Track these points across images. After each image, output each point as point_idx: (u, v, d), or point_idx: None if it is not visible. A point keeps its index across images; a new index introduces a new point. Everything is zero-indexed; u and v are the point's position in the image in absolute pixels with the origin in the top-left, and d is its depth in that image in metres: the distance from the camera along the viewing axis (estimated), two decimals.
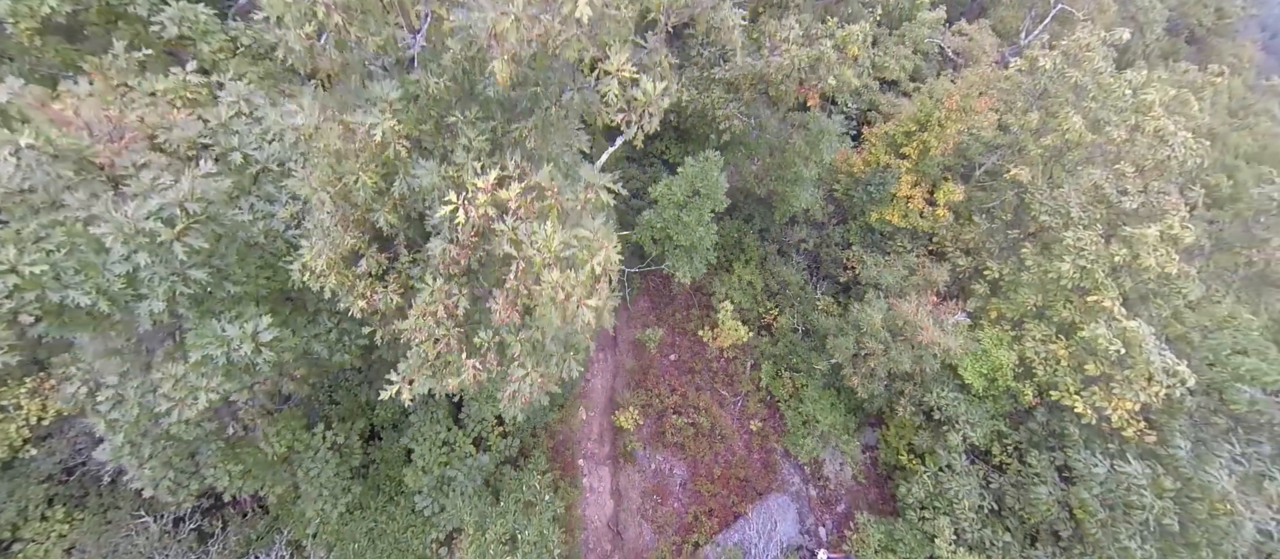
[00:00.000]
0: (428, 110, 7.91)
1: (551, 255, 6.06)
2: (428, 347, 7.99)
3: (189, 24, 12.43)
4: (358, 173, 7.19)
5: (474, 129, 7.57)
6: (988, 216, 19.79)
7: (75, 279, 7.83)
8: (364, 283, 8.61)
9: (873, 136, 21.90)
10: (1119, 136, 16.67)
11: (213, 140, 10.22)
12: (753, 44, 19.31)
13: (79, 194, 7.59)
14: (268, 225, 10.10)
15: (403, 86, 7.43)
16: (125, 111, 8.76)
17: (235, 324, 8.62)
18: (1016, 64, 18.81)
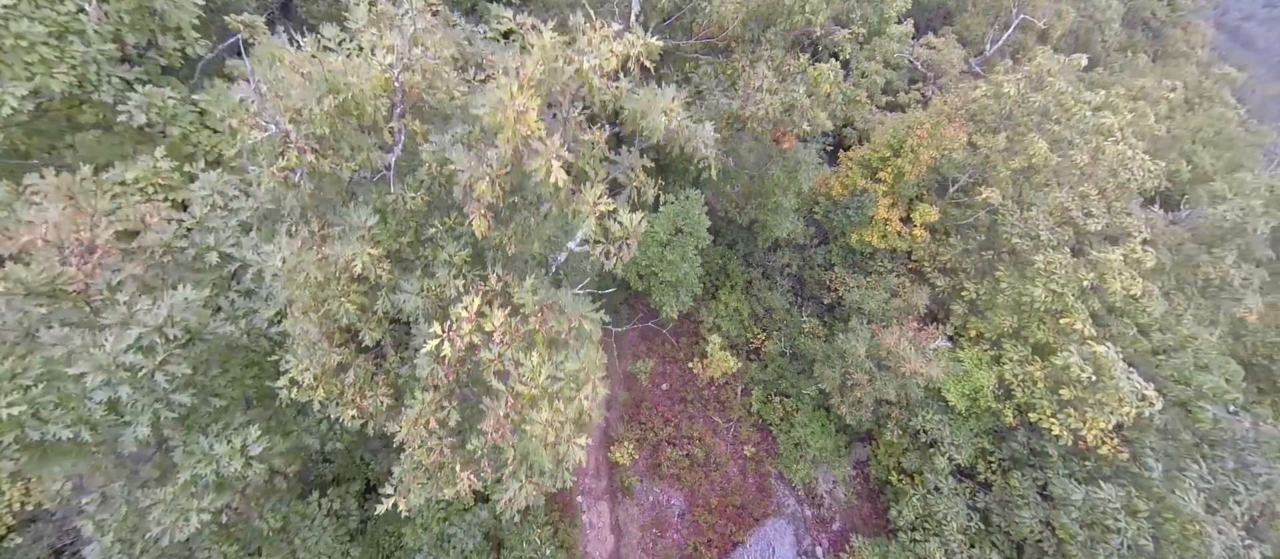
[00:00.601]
0: (406, 222, 7.96)
1: (538, 388, 6.18)
2: (421, 454, 8.06)
3: (157, 110, 12.23)
4: (340, 300, 7.22)
5: (454, 243, 7.64)
6: (962, 237, 20.35)
7: (55, 413, 7.73)
8: (353, 389, 8.63)
9: (849, 160, 22.34)
10: (1082, 160, 17.29)
11: (188, 242, 10.10)
12: (727, 80, 19.57)
13: (55, 330, 7.49)
14: (250, 323, 10.03)
15: (380, 207, 7.48)
16: (96, 229, 8.63)
17: (222, 439, 8.58)
18: (982, 88, 19.36)
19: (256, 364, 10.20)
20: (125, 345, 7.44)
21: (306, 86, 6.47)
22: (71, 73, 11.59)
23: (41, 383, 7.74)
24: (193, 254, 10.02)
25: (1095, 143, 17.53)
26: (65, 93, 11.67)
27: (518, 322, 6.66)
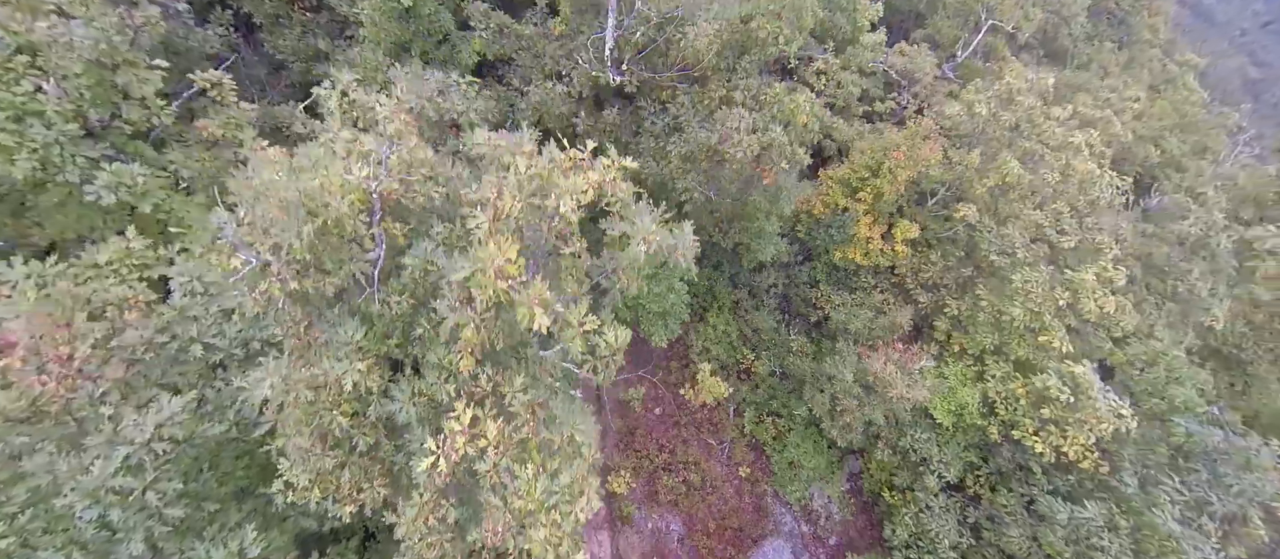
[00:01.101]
0: (393, 324, 7.95)
1: (535, 503, 6.26)
2: (422, 547, 8.09)
3: (126, 188, 11.91)
4: (332, 413, 7.20)
5: (442, 347, 7.65)
6: (943, 253, 20.80)
7: (44, 539, 7.59)
8: (350, 485, 8.61)
9: (829, 179, 22.61)
10: (1053, 179, 17.77)
11: (169, 335, 9.92)
12: (704, 111, 19.65)
13: (39, 457, 7.34)
14: (239, 414, 9.92)
15: (366, 314, 7.45)
16: (75, 342, 8.43)
17: (218, 543, 8.50)
18: (956, 107, 19.73)
19: (247, 453, 10.09)
20: (113, 469, 7.33)
21: (286, 210, 6.41)
22: (33, 157, 11.25)
23: (28, 510, 7.59)
24: (175, 348, 9.85)
25: (1064, 160, 18.03)
26: (28, 178, 11.32)
27: (511, 430, 6.71)
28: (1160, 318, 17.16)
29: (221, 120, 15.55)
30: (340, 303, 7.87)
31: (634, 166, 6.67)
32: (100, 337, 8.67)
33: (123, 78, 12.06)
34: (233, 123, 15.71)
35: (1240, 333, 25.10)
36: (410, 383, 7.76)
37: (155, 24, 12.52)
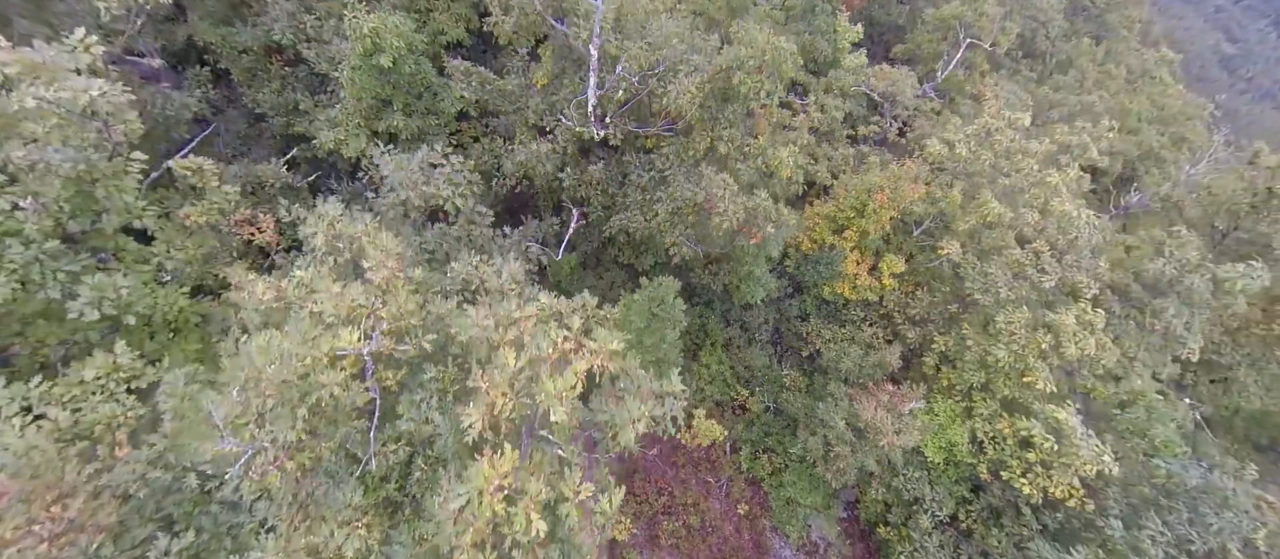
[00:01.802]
0: (391, 469, 8.01)
1: None
2: None
3: (110, 301, 11.79)
4: None
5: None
6: (929, 289, 21.13)
7: None
8: None
9: (816, 216, 22.84)
10: (1033, 219, 18.14)
11: (160, 467, 9.90)
12: (689, 161, 19.75)
13: None
14: (237, 541, 9.92)
15: (363, 477, 7.52)
16: (68, 499, 8.39)
17: None
18: (936, 146, 20.00)
19: None
20: None
21: (280, 394, 6.45)
22: (12, 278, 11.09)
23: None
24: (169, 479, 9.82)
25: (1043, 197, 18.41)
26: (7, 300, 11.16)
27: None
28: (1141, 344, 17.65)
29: (204, 207, 15.40)
30: (339, 450, 7.92)
31: (620, 349, 6.78)
32: (90, 489, 8.64)
33: (102, 189, 11.91)
34: (215, 208, 15.56)
35: (1219, 340, 25.87)
36: (410, 527, 7.84)
37: (134, 126, 12.36)
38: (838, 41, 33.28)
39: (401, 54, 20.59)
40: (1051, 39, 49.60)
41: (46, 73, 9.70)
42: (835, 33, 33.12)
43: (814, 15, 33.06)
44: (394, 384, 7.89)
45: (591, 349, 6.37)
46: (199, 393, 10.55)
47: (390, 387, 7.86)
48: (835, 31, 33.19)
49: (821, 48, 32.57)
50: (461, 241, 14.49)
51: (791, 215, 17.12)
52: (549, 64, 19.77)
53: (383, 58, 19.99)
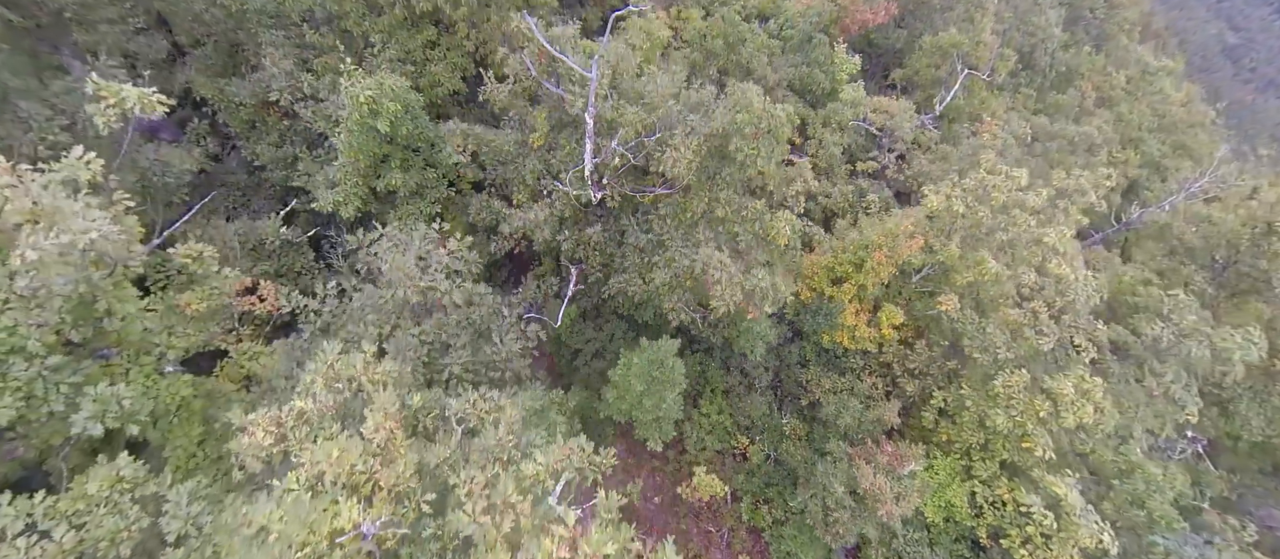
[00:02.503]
0: None
1: None
2: None
3: (113, 414, 11.89)
4: None
5: None
6: (928, 343, 21.16)
7: None
8: None
9: (814, 266, 22.84)
10: (1030, 280, 18.14)
11: None
12: (686, 225, 19.77)
13: None
14: None
15: None
16: None
17: None
18: (933, 201, 19.98)
19: None
20: None
21: None
22: (16, 399, 11.21)
23: None
24: None
25: (1041, 256, 18.41)
26: (11, 420, 11.28)
27: None
28: (1137, 412, 17.67)
29: (204, 293, 15.50)
30: None
31: (614, 550, 6.85)
32: None
33: (104, 302, 12.02)
34: (216, 293, 15.67)
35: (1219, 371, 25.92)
36: None
37: (133, 240, 12.43)
38: (835, 73, 33.22)
39: (398, 116, 20.65)
40: (1051, 54, 49.32)
41: (47, 217, 9.79)
42: (832, 64, 33.06)
43: (810, 47, 33.01)
44: (393, 543, 8.00)
45: (584, 552, 6.44)
46: (203, 515, 10.67)
47: (390, 547, 7.96)
48: (832, 63, 33.13)
49: (819, 79, 32.54)
50: (462, 326, 14.58)
51: (786, 284, 17.11)
52: (544, 125, 19.79)
53: (380, 122, 20.05)
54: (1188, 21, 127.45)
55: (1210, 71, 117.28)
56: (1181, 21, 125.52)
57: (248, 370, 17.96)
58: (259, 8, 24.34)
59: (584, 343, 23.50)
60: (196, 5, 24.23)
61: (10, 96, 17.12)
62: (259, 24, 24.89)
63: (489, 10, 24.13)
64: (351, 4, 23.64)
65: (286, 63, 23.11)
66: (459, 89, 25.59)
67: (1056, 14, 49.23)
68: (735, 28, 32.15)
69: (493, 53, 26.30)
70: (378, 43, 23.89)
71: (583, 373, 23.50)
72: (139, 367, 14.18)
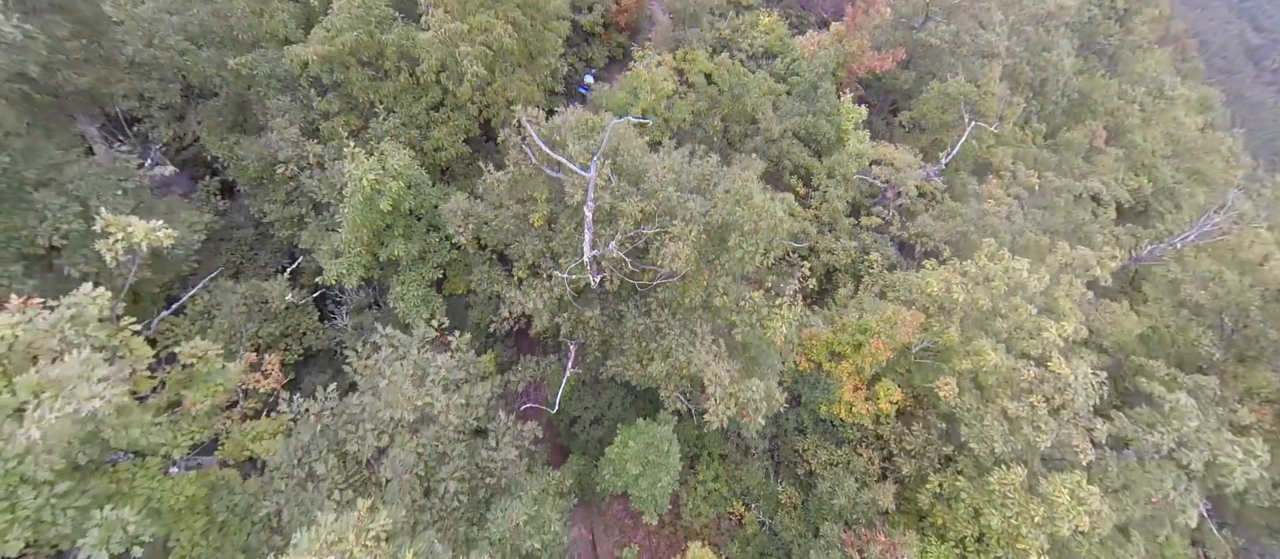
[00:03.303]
0: None
1: None
2: None
3: (119, 539, 12.26)
4: None
5: None
6: (925, 420, 21.11)
7: None
8: None
9: (814, 340, 22.82)
10: (1030, 374, 18.03)
11: None
12: (684, 313, 19.85)
13: None
14: None
15: None
16: None
17: None
18: (934, 285, 19.89)
19: None
20: None
21: None
22: (25, 526, 11.61)
23: None
24: None
25: (1041, 348, 18.29)
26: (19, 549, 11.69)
27: None
28: (1136, 508, 17.54)
29: (207, 390, 15.86)
30: None
31: None
32: None
33: (109, 432, 12.37)
34: (219, 388, 16.03)
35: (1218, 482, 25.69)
36: None
37: (140, 359, 12.76)
38: (841, 123, 33.03)
39: (401, 193, 20.90)
40: (1062, 86, 48.58)
41: (53, 387, 10.12)
42: (838, 114, 32.87)
43: (816, 96, 32.79)
44: None
45: None
46: None
47: None
48: (838, 112, 32.94)
49: (824, 129, 32.34)
50: (460, 433, 14.81)
51: (789, 362, 17.10)
52: (545, 207, 19.93)
53: (382, 201, 20.32)
54: (1209, 22, 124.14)
55: (1232, 74, 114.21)
56: (1202, 22, 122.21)
57: (251, 451, 18.34)
58: (268, 73, 24.70)
59: (583, 409, 23.70)
60: (208, 69, 24.62)
61: (25, 189, 17.56)
62: (268, 87, 25.25)
63: (492, 84, 24.32)
64: (356, 72, 23.91)
65: (292, 130, 23.44)
66: (463, 152, 25.82)
67: (1068, 44, 48.46)
68: (739, 80, 32.07)
69: (496, 114, 26.54)
70: (382, 111, 24.15)
71: (582, 439, 23.72)
72: (145, 470, 14.59)
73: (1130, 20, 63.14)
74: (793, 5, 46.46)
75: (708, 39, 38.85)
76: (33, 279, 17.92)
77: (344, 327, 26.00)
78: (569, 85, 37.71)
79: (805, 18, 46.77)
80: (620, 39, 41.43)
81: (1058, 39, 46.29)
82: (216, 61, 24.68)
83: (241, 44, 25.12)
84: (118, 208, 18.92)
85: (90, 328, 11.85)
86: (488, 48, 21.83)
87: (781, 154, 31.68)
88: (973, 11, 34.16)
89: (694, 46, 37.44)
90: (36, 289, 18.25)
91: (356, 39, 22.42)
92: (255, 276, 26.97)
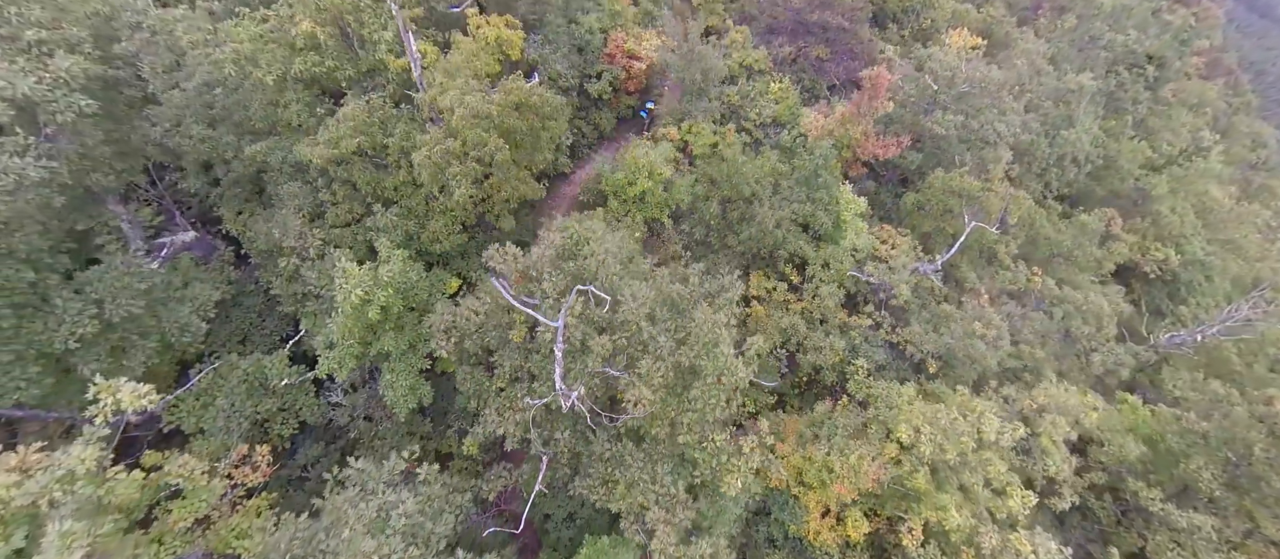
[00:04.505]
0: None
1: None
2: None
3: None
4: None
5: None
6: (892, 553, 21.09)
7: None
8: None
9: (785, 460, 22.97)
10: (991, 542, 17.90)
11: None
12: (650, 445, 20.30)
13: None
14: None
15: None
16: None
17: None
18: (904, 432, 19.86)
19: None
20: None
21: None
22: None
23: None
24: None
25: (1007, 513, 18.12)
26: None
27: None
28: None
29: (192, 505, 17.01)
30: None
31: None
32: None
33: None
34: (202, 504, 17.17)
35: None
36: None
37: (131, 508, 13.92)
38: (840, 213, 32.87)
39: (390, 300, 21.89)
40: (1079, 162, 47.18)
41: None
42: (837, 204, 32.71)
43: (814, 185, 32.69)
44: None
45: None
46: None
47: None
48: (836, 202, 32.77)
49: (821, 219, 32.20)
50: None
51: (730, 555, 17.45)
52: (523, 329, 20.63)
53: (371, 311, 21.34)
54: (1266, 52, 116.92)
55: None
56: (1257, 53, 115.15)
57: (235, 549, 19.51)
58: (280, 161, 26.09)
59: (556, 507, 24.36)
60: (227, 154, 26.14)
61: (50, 295, 19.06)
62: (280, 172, 26.66)
63: (489, 179, 25.15)
64: (359, 167, 25.07)
65: (296, 221, 24.73)
66: (458, 243, 26.79)
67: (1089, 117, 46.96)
68: (736, 169, 32.26)
69: (491, 210, 27.43)
70: (380, 206, 25.24)
71: (553, 536, 24.38)
72: None
73: (1160, 87, 60.72)
74: (806, 69, 46.19)
75: (715, 110, 39.09)
76: (49, 378, 19.42)
77: (339, 402, 27.26)
78: (575, 152, 38.42)
79: (818, 83, 46.47)
80: (630, 101, 41.94)
81: (1078, 113, 45.04)
82: (234, 146, 26.20)
83: (257, 132, 26.60)
84: (132, 309, 20.39)
85: (78, 485, 12.99)
86: (480, 163, 22.65)
87: (777, 244, 31.74)
88: (981, 102, 33.56)
89: (699, 120, 37.74)
90: (52, 388, 19.84)
91: (359, 143, 23.55)
92: (262, 343, 28.52)
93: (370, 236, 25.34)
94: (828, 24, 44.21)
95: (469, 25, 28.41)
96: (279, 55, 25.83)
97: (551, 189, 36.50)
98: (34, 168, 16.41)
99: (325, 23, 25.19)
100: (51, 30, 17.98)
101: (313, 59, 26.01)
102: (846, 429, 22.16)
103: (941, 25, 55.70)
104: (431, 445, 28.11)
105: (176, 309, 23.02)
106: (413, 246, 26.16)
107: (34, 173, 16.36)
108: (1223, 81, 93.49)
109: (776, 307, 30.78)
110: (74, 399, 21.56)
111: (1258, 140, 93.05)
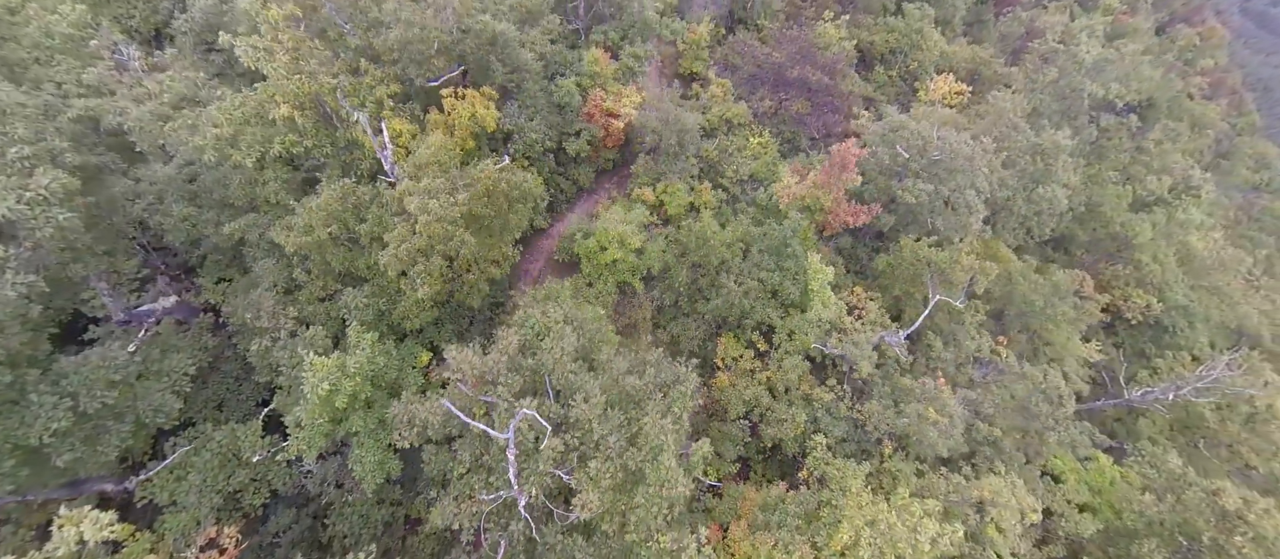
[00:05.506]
0: None
1: None
2: None
3: None
4: None
5: None
6: None
7: None
8: None
9: (737, 539, 23.64)
10: None
11: None
12: (600, 540, 21.01)
13: None
14: None
15: None
16: None
17: None
18: (845, 532, 20.52)
19: None
20: None
21: None
22: None
23: None
24: None
25: None
26: None
27: None
28: None
29: None
30: None
31: None
32: None
33: None
34: None
35: None
36: None
37: None
38: (808, 282, 33.50)
39: (358, 388, 22.72)
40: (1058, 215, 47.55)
41: None
42: (804, 274, 33.33)
43: (784, 254, 33.39)
44: None
45: None
46: None
47: None
48: (805, 272, 33.40)
49: (789, 290, 32.85)
50: None
51: None
52: (483, 419, 21.38)
53: (339, 399, 22.17)
54: (1274, 70, 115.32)
55: None
56: (1265, 70, 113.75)
57: None
58: (257, 238, 26.98)
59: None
60: (206, 230, 27.05)
61: (28, 390, 19.94)
62: (258, 247, 27.56)
63: (457, 260, 25.93)
64: (331, 251, 25.91)
65: (268, 299, 25.59)
66: (429, 319, 27.58)
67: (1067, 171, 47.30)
68: (707, 240, 33.01)
69: (460, 291, 28.21)
70: (351, 291, 26.04)
71: None
72: None
73: (1148, 129, 61.11)
74: (786, 122, 46.86)
75: (692, 169, 39.81)
76: (24, 470, 20.27)
77: (310, 470, 28.05)
78: (553, 208, 39.19)
79: (799, 134, 47.13)
80: (610, 155, 42.61)
81: (1056, 169, 45.51)
82: (214, 223, 27.12)
83: (237, 208, 27.52)
84: (106, 400, 21.25)
85: None
86: (447, 258, 23.45)
87: (744, 313, 32.44)
88: (954, 165, 34.12)
89: (675, 181, 38.48)
90: (27, 479, 20.70)
91: (330, 232, 24.40)
92: (237, 410, 29.34)
93: (343, 314, 26.18)
94: (808, 80, 44.91)
95: (445, 103, 29.23)
96: (259, 135, 26.77)
97: (529, 244, 37.27)
98: (10, 287, 17.27)
99: (303, 106, 26.09)
100: (34, 144, 18.86)
101: (291, 140, 26.92)
102: (797, 515, 22.84)
103: (928, 66, 56.27)
104: (401, 511, 28.90)
105: (151, 388, 23.85)
106: (384, 323, 26.98)
107: (11, 292, 17.23)
108: (1226, 102, 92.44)
109: (742, 375, 31.45)
110: (50, 482, 22.47)
111: (1261, 161, 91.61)
